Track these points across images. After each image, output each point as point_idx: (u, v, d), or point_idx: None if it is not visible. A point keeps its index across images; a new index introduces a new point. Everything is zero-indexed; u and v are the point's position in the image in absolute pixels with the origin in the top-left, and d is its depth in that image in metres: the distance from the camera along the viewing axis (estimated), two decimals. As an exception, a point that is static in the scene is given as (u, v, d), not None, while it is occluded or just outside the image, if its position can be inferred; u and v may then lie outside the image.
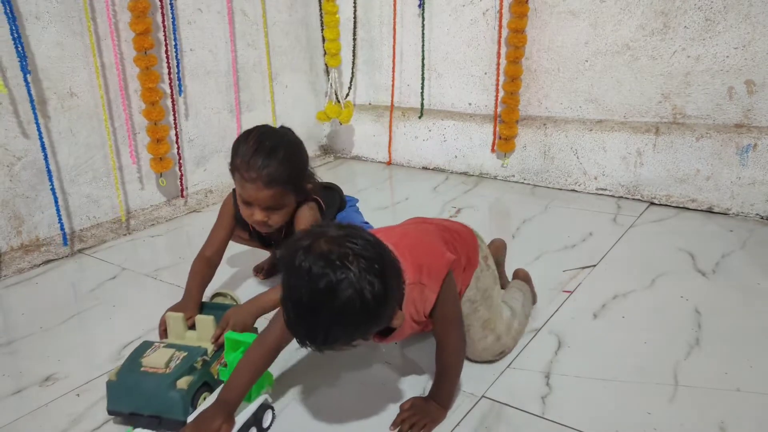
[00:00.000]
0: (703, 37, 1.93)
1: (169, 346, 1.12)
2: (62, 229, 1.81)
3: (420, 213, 2.10)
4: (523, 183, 2.38)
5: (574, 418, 1.06)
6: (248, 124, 2.43)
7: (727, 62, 1.91)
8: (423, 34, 2.46)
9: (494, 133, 2.38)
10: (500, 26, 2.27)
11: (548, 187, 2.31)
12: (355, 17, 2.62)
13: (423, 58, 2.49)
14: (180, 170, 2.15)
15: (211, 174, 2.32)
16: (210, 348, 1.13)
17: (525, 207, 2.12)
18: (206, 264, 1.37)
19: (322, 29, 2.55)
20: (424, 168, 2.63)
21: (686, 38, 1.96)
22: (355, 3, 2.60)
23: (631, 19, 2.04)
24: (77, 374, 1.25)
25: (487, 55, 2.36)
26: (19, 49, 1.63)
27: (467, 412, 1.09)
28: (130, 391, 1.05)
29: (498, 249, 1.47)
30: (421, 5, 2.44)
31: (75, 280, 1.71)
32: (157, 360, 1.06)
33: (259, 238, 1.49)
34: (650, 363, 1.21)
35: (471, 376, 1.18)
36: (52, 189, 1.77)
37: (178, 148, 2.13)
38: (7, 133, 1.69)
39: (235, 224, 1.42)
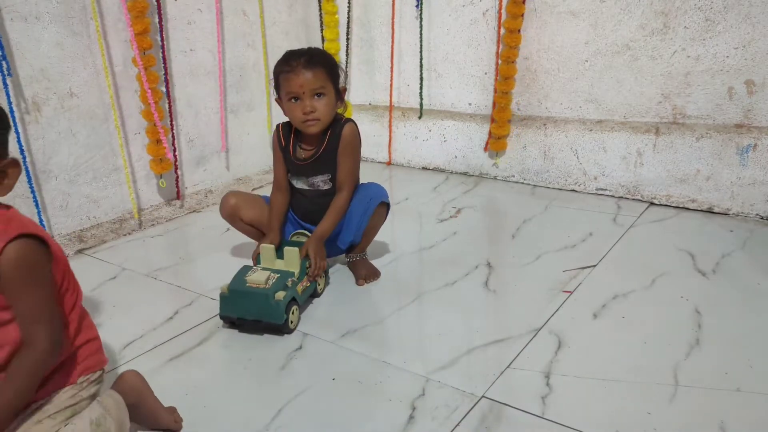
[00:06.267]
0: (703, 37, 1.93)
1: (264, 269, 1.41)
2: (48, 223, 1.81)
3: (420, 213, 2.12)
4: (523, 183, 2.38)
5: (574, 418, 1.06)
6: (248, 124, 2.44)
7: (727, 62, 1.91)
8: (421, 34, 2.46)
9: (489, 133, 2.38)
10: (499, 26, 2.27)
11: (548, 187, 2.31)
12: (349, 17, 2.62)
13: (421, 59, 2.49)
14: (176, 171, 2.14)
15: (211, 174, 2.32)
16: (296, 272, 1.43)
17: (525, 207, 2.12)
18: (281, 194, 1.61)
19: (322, 29, 2.55)
20: (424, 168, 2.63)
21: (686, 38, 1.96)
22: (349, 3, 2.60)
23: (631, 19, 2.04)
24: (77, 374, 1.24)
25: (487, 56, 2.36)
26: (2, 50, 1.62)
27: (467, 412, 1.09)
28: (238, 301, 1.35)
29: (132, 389, 1.01)
30: (419, 5, 2.44)
31: (75, 280, 1.71)
32: (258, 279, 1.35)
33: (299, 164, 1.57)
34: (650, 363, 1.21)
35: (471, 376, 1.18)
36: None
37: (175, 149, 2.12)
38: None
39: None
